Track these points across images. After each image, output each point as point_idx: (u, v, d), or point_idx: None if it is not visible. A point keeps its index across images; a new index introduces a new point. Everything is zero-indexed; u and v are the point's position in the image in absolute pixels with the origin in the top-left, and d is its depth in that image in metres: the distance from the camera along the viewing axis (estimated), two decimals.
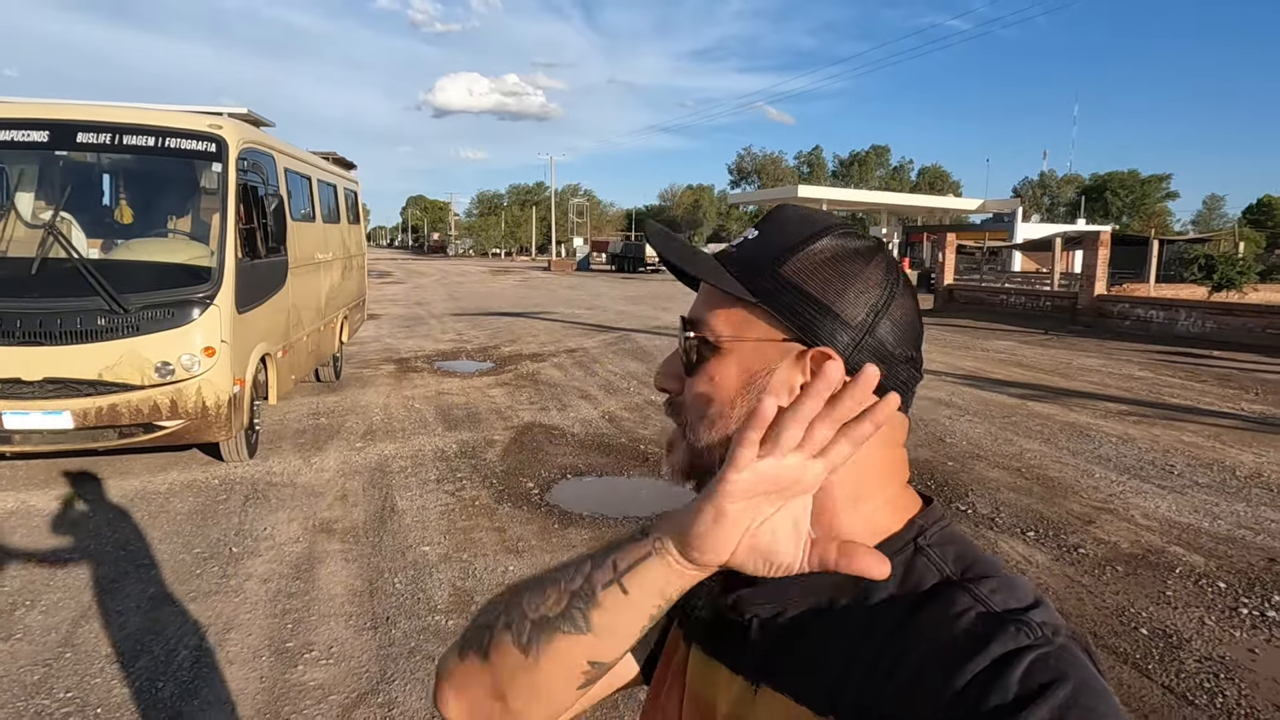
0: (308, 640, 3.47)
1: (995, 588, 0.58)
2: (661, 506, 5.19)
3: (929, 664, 0.55)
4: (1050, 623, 0.55)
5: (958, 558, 0.62)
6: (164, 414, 5.24)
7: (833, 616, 0.62)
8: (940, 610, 0.57)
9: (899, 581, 0.61)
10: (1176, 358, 12.47)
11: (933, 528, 0.65)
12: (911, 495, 0.68)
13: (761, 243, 0.68)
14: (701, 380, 0.67)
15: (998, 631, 0.54)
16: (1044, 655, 0.52)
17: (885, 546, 0.63)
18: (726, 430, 0.66)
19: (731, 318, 0.66)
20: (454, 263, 60.50)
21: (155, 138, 5.62)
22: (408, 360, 11.39)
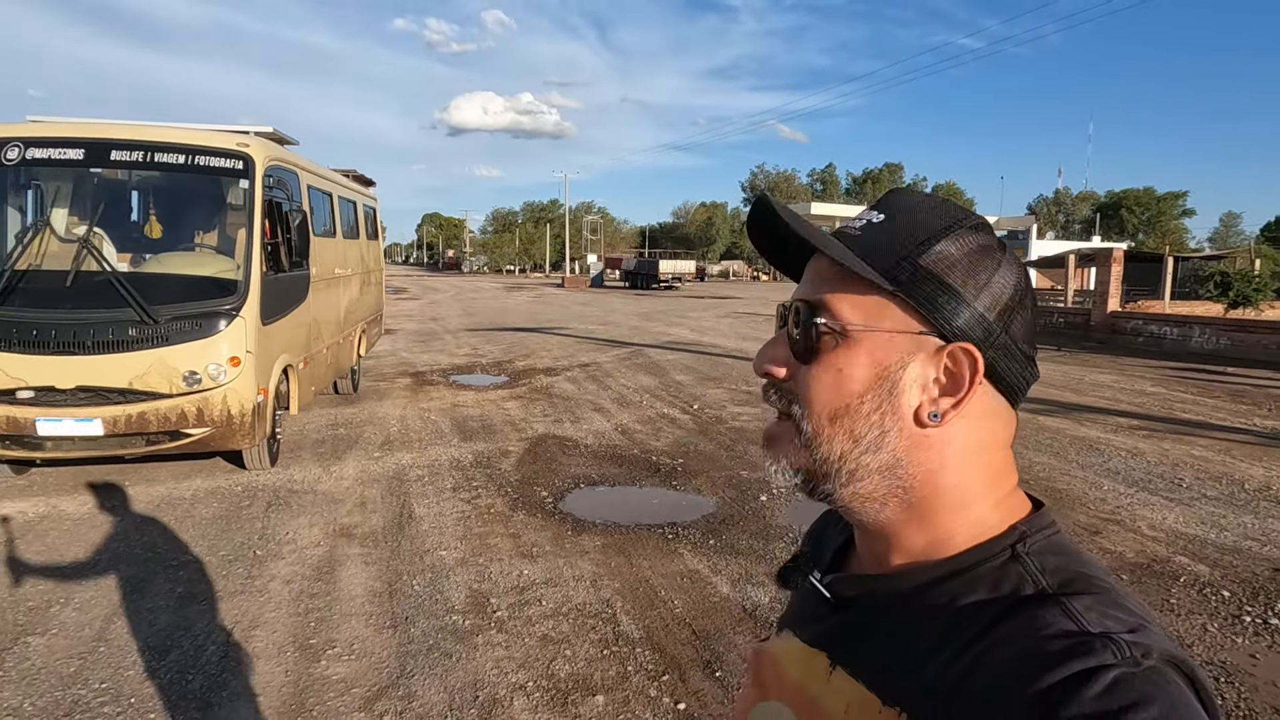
0: (330, 637, 3.60)
1: (1091, 605, 0.55)
2: (673, 516, 5.32)
3: (1005, 673, 0.53)
4: (1144, 644, 0.52)
5: (1057, 569, 0.59)
6: (191, 422, 5.40)
7: (919, 613, 0.61)
8: (1026, 621, 0.55)
9: (990, 587, 0.59)
10: (1189, 374, 12.46)
11: (1036, 535, 0.62)
12: (1020, 499, 0.66)
13: (890, 228, 0.65)
14: (825, 369, 0.64)
15: (1081, 647, 0.51)
16: (1128, 675, 0.49)
17: (981, 550, 0.62)
18: (852, 426, 0.63)
19: (863, 304, 0.63)
20: (468, 279, 60.97)
21: (185, 155, 5.82)
22: (423, 374, 11.56)
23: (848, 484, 0.64)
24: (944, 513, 0.63)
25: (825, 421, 0.64)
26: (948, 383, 0.62)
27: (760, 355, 0.68)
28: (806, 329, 0.64)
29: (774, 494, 5.81)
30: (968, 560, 0.62)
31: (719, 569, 4.45)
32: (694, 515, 5.39)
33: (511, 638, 3.63)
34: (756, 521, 5.23)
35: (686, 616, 3.86)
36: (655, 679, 3.30)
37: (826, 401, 0.64)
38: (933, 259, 0.62)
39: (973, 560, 0.62)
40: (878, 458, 0.63)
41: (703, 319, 23.21)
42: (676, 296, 37.79)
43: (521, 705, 3.09)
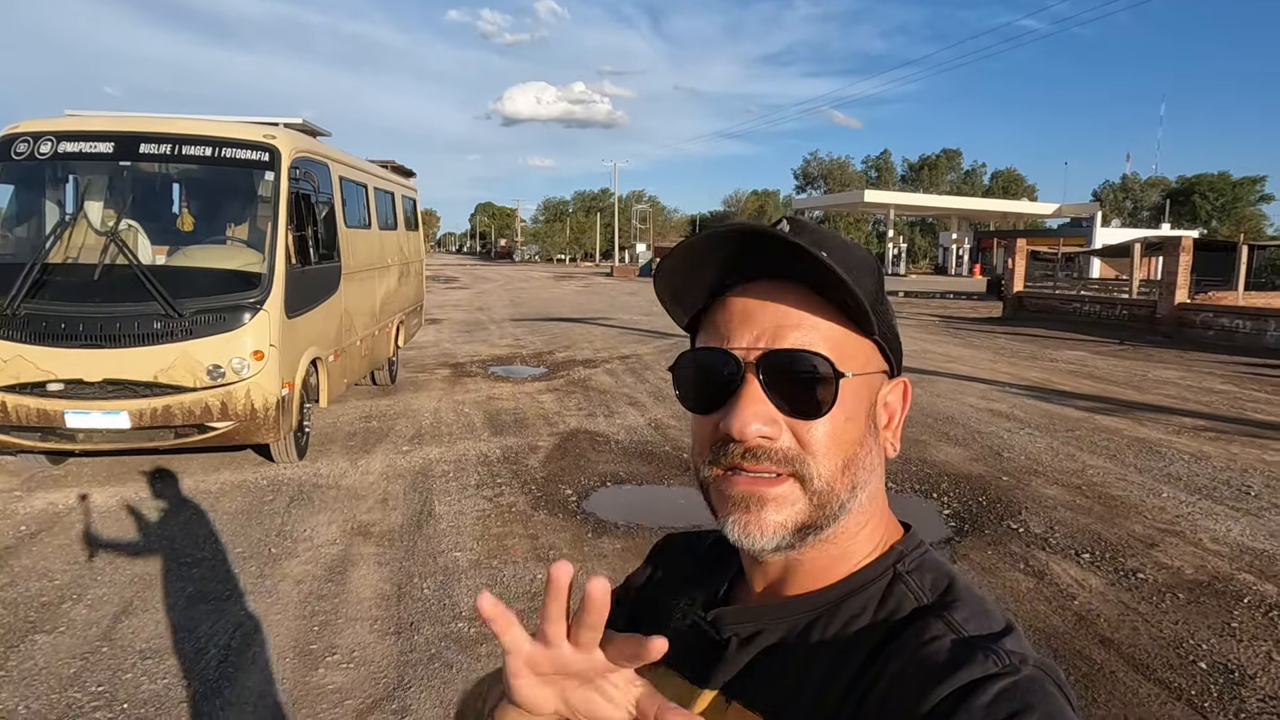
0: (331, 643, 3.51)
1: (968, 615, 0.59)
2: (698, 518, 5.12)
3: (900, 688, 0.55)
4: (1019, 651, 0.55)
5: (934, 584, 0.62)
6: (215, 415, 5.40)
7: (811, 640, 0.62)
8: (914, 636, 0.58)
9: (877, 607, 0.62)
10: (1264, 371, 11.75)
11: (912, 554, 0.65)
12: (894, 521, 0.69)
13: (846, 266, 0.59)
14: (834, 420, 0.62)
15: (967, 658, 0.54)
16: (1011, 684, 0.52)
17: (869, 571, 0.64)
18: (856, 472, 0.63)
19: (855, 348, 0.63)
20: (519, 268, 61.40)
21: (212, 148, 5.82)
22: (463, 365, 11.55)
23: (829, 529, 0.63)
24: (855, 538, 0.65)
25: (839, 473, 0.62)
26: (888, 415, 0.67)
27: (750, 419, 0.60)
28: (825, 383, 0.61)
29: None
30: (855, 583, 0.64)
31: None
32: None
33: None
34: None
35: None
36: None
37: (840, 452, 0.62)
38: (882, 300, 0.65)
39: (859, 582, 0.64)
40: (860, 497, 0.64)
41: None
42: None
43: None
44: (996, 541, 4.76)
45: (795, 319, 0.61)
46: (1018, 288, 21.52)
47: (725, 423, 0.61)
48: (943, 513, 5.32)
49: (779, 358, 0.60)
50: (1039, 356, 12.91)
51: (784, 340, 0.61)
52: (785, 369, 0.60)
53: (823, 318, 0.62)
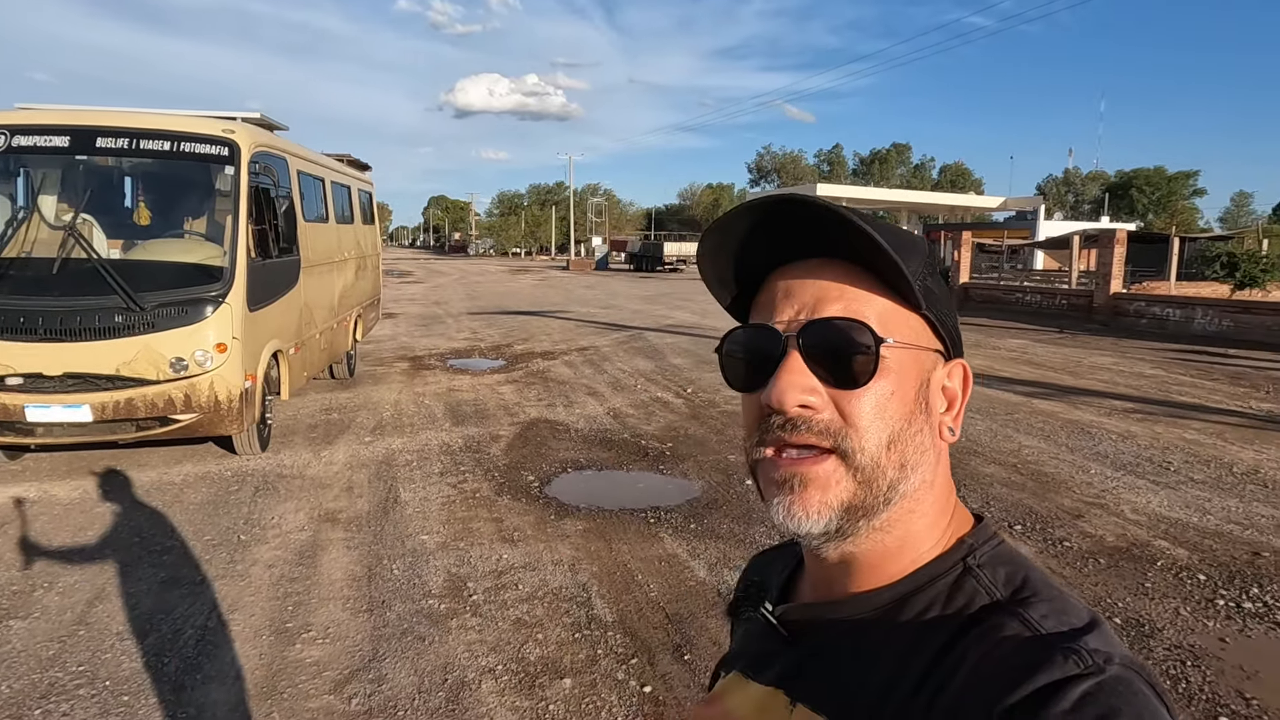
0: (306, 621, 3.65)
1: (1046, 612, 0.55)
2: (657, 500, 5.35)
3: (971, 692, 0.52)
4: (1104, 650, 0.51)
5: (1008, 579, 0.59)
6: (178, 408, 5.45)
7: (876, 638, 0.60)
8: (986, 635, 0.54)
9: (945, 604, 0.59)
10: (1190, 356, 12.39)
11: (983, 547, 0.62)
12: (963, 513, 0.66)
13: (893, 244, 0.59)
14: (879, 392, 0.59)
15: (1045, 659, 0.51)
16: (1096, 686, 0.49)
17: (934, 567, 0.61)
18: (905, 451, 0.60)
19: (903, 320, 0.61)
20: (474, 262, 60.99)
21: (170, 142, 5.84)
22: (421, 358, 11.60)
23: (880, 513, 0.61)
24: (914, 529, 0.62)
25: (884, 449, 0.59)
26: (949, 398, 0.64)
27: (787, 388, 0.59)
28: (865, 351, 0.59)
29: None
30: (922, 578, 0.61)
31: (697, 553, 4.48)
32: (678, 499, 5.41)
33: (485, 621, 3.67)
34: (740, 505, 5.26)
35: (661, 600, 3.90)
36: (624, 662, 3.33)
37: (885, 427, 0.59)
38: (934, 280, 0.63)
39: (926, 577, 0.61)
40: (912, 481, 0.61)
41: (706, 302, 23.16)
42: (681, 279, 37.71)
43: (489, 688, 3.13)
44: None
45: (837, 292, 0.61)
46: (964, 279, 22.20)
47: (766, 395, 0.60)
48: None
49: (818, 327, 0.59)
50: (982, 345, 13.41)
51: (825, 311, 0.60)
52: (825, 338, 0.59)
53: (865, 290, 0.61)
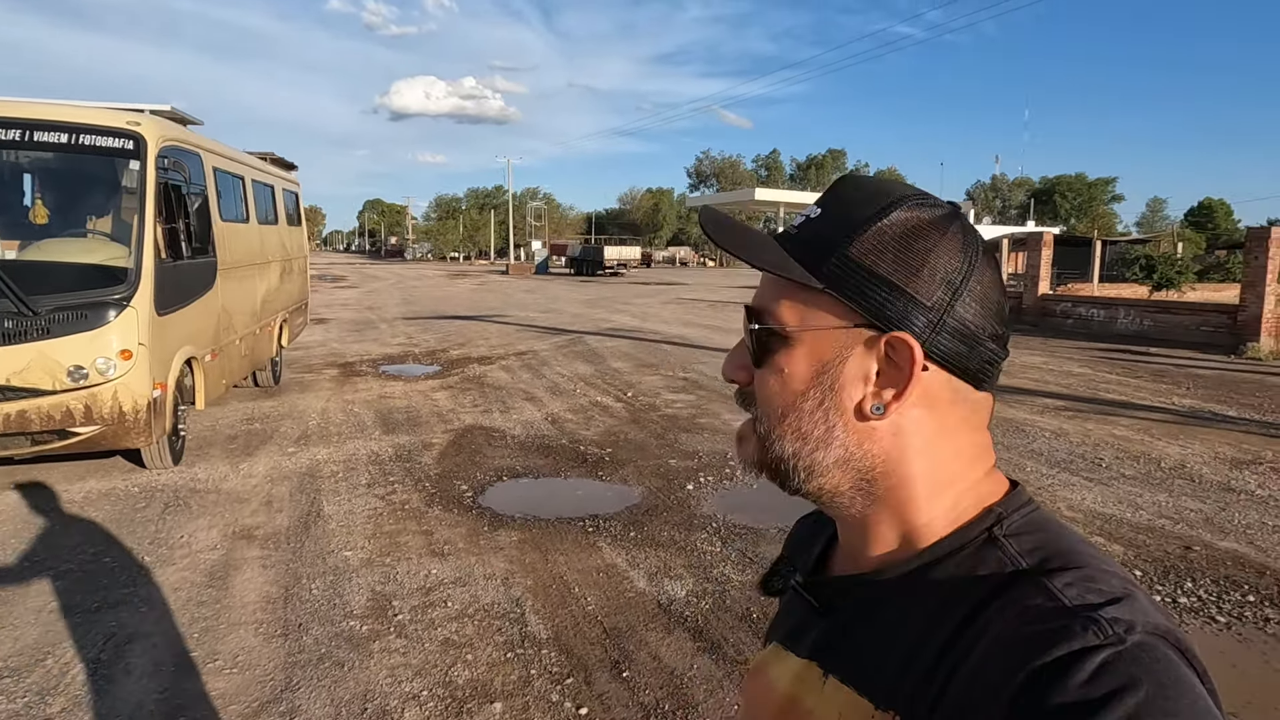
0: (213, 649, 3.36)
1: (1071, 580, 0.54)
2: (596, 508, 5.17)
3: (990, 663, 0.51)
4: (1126, 619, 0.50)
5: (1036, 548, 0.58)
6: (78, 420, 5.06)
7: (901, 609, 0.60)
8: (1007, 606, 0.54)
9: (969, 574, 0.58)
10: (1115, 355, 12.77)
11: (1013, 516, 0.61)
12: (996, 481, 0.64)
13: (825, 221, 0.63)
14: (771, 372, 0.64)
15: (1064, 628, 0.50)
16: (1115, 656, 0.48)
17: (957, 537, 0.61)
18: (799, 424, 0.63)
19: (798, 305, 0.63)
20: (411, 267, 59.84)
21: (70, 134, 5.43)
22: (352, 365, 11.19)
23: (808, 480, 0.64)
24: (916, 502, 0.62)
25: (776, 421, 0.64)
26: (890, 373, 0.60)
27: (726, 362, 0.70)
28: (752, 334, 0.65)
29: (700, 483, 5.71)
30: (944, 548, 0.61)
31: (637, 562, 4.32)
32: (618, 506, 5.25)
33: (411, 643, 3.44)
34: (681, 512, 5.12)
35: (599, 614, 3.72)
36: (559, 682, 3.15)
37: (774, 401, 0.64)
38: (861, 248, 0.60)
39: (949, 548, 0.60)
40: (829, 453, 0.63)
41: (646, 305, 23.10)
42: (622, 283, 37.60)
43: (413, 716, 2.91)
44: None
45: (765, 278, 0.66)
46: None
47: None
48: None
49: (746, 314, 0.67)
50: None
51: (753, 298, 0.67)
52: (744, 324, 0.67)
53: (776, 280, 0.65)
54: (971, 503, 0.62)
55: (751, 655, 2.85)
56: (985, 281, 0.61)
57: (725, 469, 6.05)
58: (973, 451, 0.63)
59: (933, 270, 0.60)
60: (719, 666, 3.27)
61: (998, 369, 0.63)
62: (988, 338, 0.61)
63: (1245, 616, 3.74)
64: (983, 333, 0.61)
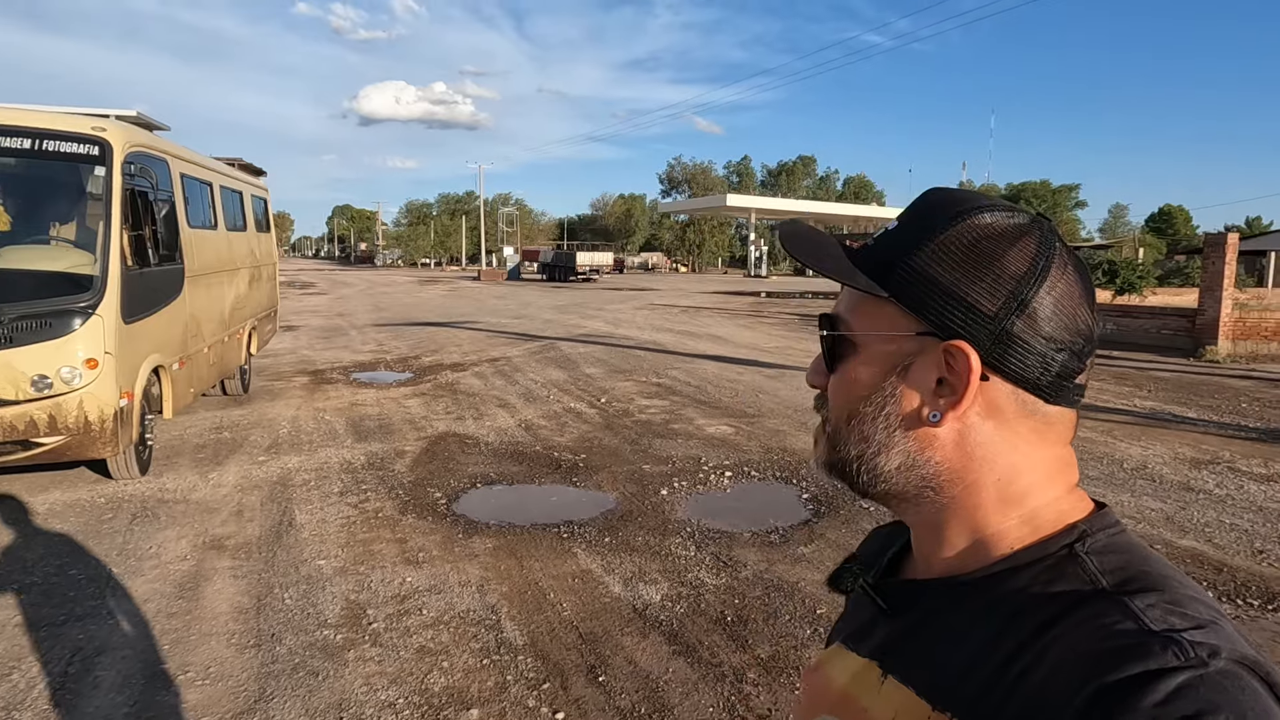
0: (185, 661, 3.32)
1: (1155, 602, 0.52)
2: (571, 514, 5.18)
3: (1060, 675, 0.51)
4: (1210, 643, 0.49)
5: (1120, 568, 0.56)
6: (41, 430, 4.97)
7: (970, 615, 0.60)
8: (1083, 621, 0.53)
9: (1046, 587, 0.57)
10: None
11: (1098, 534, 0.60)
12: (1079, 499, 0.63)
13: (900, 231, 0.65)
14: (840, 377, 0.67)
15: (1141, 648, 0.48)
16: (1196, 679, 0.46)
17: (1037, 549, 0.60)
18: (862, 428, 0.65)
19: (866, 314, 0.66)
20: (381, 273, 59.34)
21: (33, 140, 5.35)
22: (323, 372, 11.08)
23: (872, 483, 0.66)
24: (985, 511, 0.62)
25: (842, 424, 0.67)
26: (951, 382, 0.61)
27: (810, 370, 0.72)
28: (823, 340, 0.69)
29: (675, 488, 5.75)
30: (1021, 559, 0.60)
31: (612, 568, 4.33)
32: (592, 512, 5.26)
33: (386, 651, 3.43)
34: (655, 517, 5.15)
35: (574, 619, 3.74)
36: (535, 687, 3.16)
37: (842, 405, 0.67)
38: (926, 257, 0.62)
39: (1027, 559, 0.60)
40: (890, 458, 0.64)
41: (619, 311, 23.12)
42: (594, 289, 37.60)
43: None
44: (850, 520, 5.08)
45: (842, 290, 0.69)
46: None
47: None
48: (801, 497, 5.62)
49: None
50: None
51: (833, 307, 0.70)
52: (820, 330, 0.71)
53: (850, 291, 0.68)
54: (1052, 518, 0.61)
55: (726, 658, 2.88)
56: (1058, 293, 0.60)
57: (699, 474, 6.09)
58: (1049, 466, 0.62)
59: (996, 280, 0.60)
60: (694, 669, 3.30)
61: (1072, 383, 0.61)
62: (1058, 350, 0.60)
63: None
64: (1052, 345, 0.60)
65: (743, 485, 5.91)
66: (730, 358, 12.74)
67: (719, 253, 77.85)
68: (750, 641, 3.52)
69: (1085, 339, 0.61)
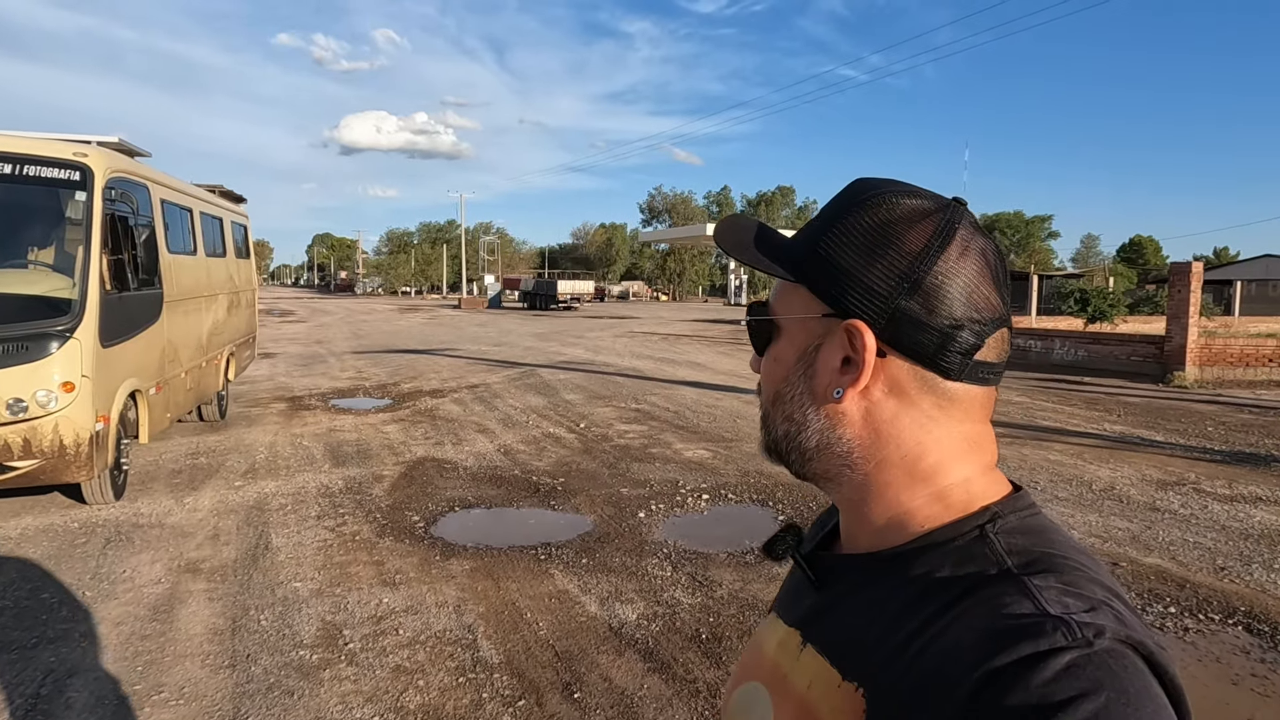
0: (158, 682, 3.31)
1: (1053, 584, 0.54)
2: (548, 536, 5.21)
3: (957, 653, 0.52)
4: (1097, 624, 0.50)
5: (1025, 550, 0.58)
6: (15, 454, 4.94)
7: (884, 590, 0.61)
8: (984, 600, 0.54)
9: (954, 566, 0.58)
10: (1051, 384, 13.25)
11: (1009, 516, 0.61)
12: (995, 479, 0.64)
13: (816, 221, 0.68)
14: (767, 360, 0.71)
15: (1034, 629, 0.50)
16: (1082, 659, 0.48)
17: (950, 529, 0.61)
18: (788, 410, 0.68)
19: (783, 299, 0.69)
20: (361, 301, 59.16)
21: (14, 165, 5.38)
22: (301, 399, 11.05)
23: (802, 464, 0.68)
24: (894, 488, 0.64)
25: (770, 405, 0.70)
26: (854, 360, 0.63)
27: (752, 357, 0.74)
28: (748, 325, 0.72)
29: (652, 511, 5.79)
30: (935, 538, 0.61)
31: (589, 588, 4.37)
32: (570, 535, 5.29)
33: (362, 670, 3.43)
34: (632, 538, 5.19)
35: (550, 638, 3.76)
36: (511, 705, 3.18)
37: (768, 387, 0.70)
38: (830, 241, 0.64)
39: (940, 539, 0.61)
40: (810, 437, 0.66)
41: (599, 339, 23.20)
42: (575, 317, 37.71)
43: None
44: None
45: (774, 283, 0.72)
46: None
47: None
48: (777, 519, 5.68)
49: None
50: None
51: None
52: None
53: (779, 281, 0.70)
54: (963, 497, 0.62)
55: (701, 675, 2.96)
56: (956, 272, 0.61)
57: (676, 497, 6.14)
58: (956, 444, 0.63)
59: (892, 260, 0.61)
60: (669, 686, 3.33)
61: (973, 360, 0.62)
62: (955, 327, 0.60)
63: (1166, 627, 3.94)
64: (949, 322, 0.60)
65: (720, 508, 5.96)
66: (709, 384, 12.84)
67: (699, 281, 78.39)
68: (724, 658, 3.56)
69: (988, 317, 0.61)
